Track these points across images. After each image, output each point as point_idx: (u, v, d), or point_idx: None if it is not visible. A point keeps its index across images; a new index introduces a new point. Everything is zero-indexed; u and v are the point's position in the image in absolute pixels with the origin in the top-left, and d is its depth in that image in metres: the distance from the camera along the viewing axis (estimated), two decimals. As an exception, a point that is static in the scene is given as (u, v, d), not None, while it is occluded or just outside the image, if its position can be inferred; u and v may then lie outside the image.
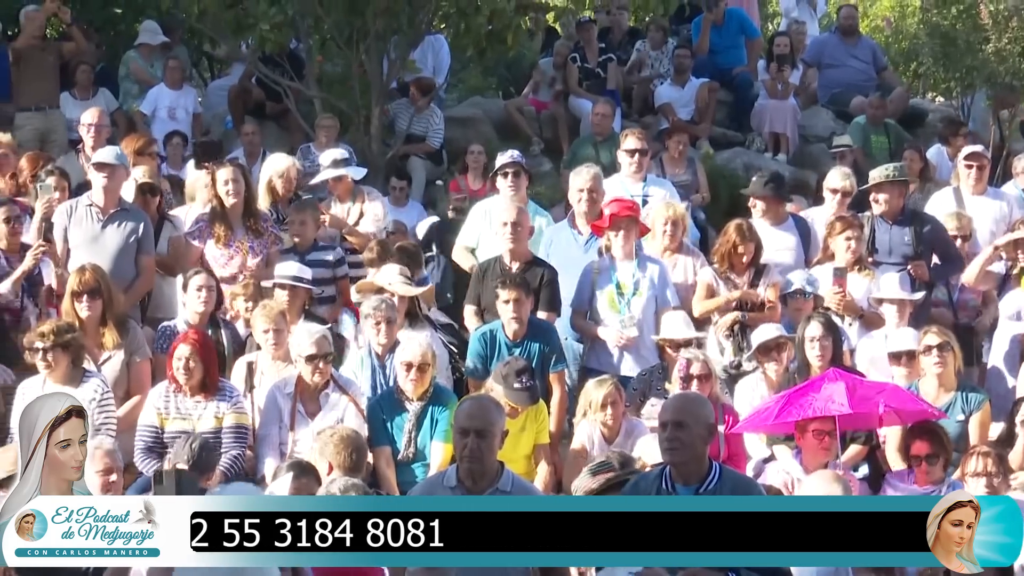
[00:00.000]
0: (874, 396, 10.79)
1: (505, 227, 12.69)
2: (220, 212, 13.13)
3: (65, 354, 10.74)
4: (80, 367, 10.87)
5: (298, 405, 11.09)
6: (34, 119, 18.34)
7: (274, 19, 17.90)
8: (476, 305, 12.65)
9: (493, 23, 17.94)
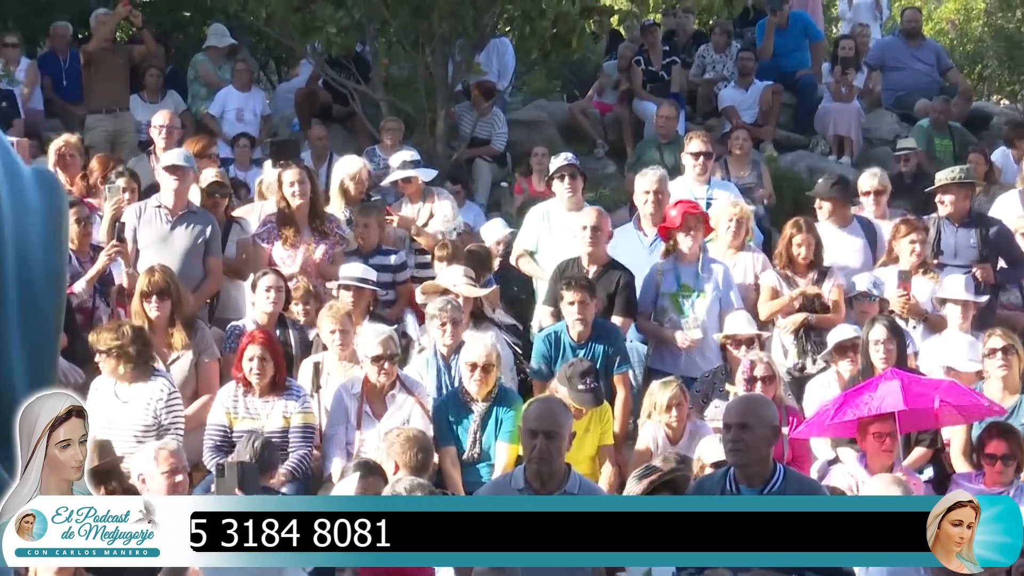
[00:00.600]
0: (930, 392, 10.72)
1: (585, 230, 12.69)
2: (287, 213, 13.19)
3: (130, 357, 10.79)
4: (149, 365, 10.91)
5: (365, 405, 11.12)
6: (105, 121, 18.43)
7: (341, 22, 17.95)
8: (553, 306, 12.61)
9: (558, 26, 17.96)
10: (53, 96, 19.42)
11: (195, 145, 14.77)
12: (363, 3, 18.06)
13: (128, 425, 10.58)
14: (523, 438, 9.15)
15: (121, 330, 10.83)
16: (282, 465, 10.53)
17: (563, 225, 13.37)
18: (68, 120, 18.69)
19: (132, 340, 10.73)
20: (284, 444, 10.77)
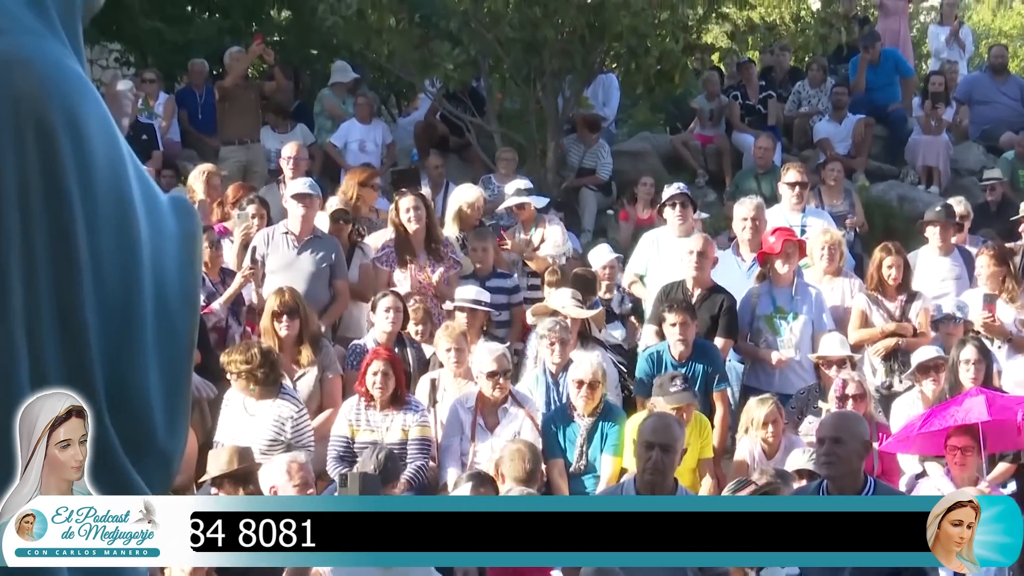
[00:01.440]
0: (1013, 407, 10.67)
1: (691, 255, 12.71)
2: (404, 238, 13.24)
3: (258, 379, 10.83)
4: (277, 384, 10.96)
5: (478, 419, 11.14)
6: (237, 152, 18.59)
7: (457, 59, 18.04)
8: (657, 326, 12.58)
9: (662, 63, 17.97)
10: (189, 128, 19.60)
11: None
12: (478, 41, 18.13)
13: (256, 438, 10.62)
14: (638, 450, 9.17)
15: (251, 352, 10.86)
16: (401, 477, 10.55)
17: (672, 251, 13.34)
18: (203, 151, 18.84)
19: (260, 363, 10.78)
20: (402, 455, 10.80)
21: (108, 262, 3.60)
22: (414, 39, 18.31)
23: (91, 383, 3.61)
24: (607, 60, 18.84)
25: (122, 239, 3.64)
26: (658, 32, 17.81)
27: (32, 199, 3.53)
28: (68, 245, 3.55)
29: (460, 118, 18.80)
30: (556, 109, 18.30)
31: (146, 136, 18.02)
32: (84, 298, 3.57)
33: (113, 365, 3.63)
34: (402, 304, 12.20)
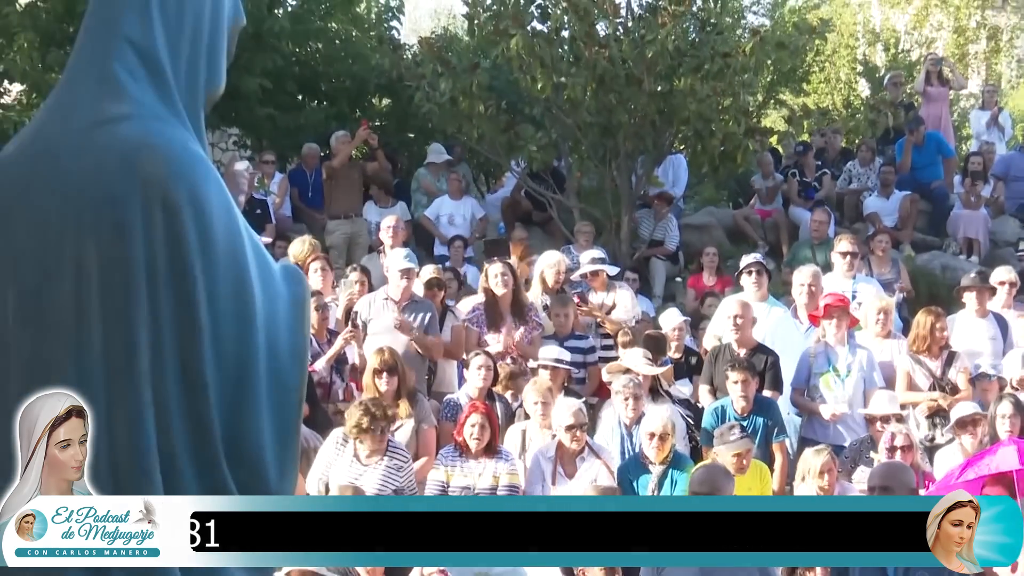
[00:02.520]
0: (1045, 456, 10.57)
1: (729, 319, 12.77)
2: (492, 302, 13.27)
3: (373, 437, 10.85)
4: (385, 439, 10.95)
5: (558, 467, 11.12)
6: (343, 225, 18.73)
7: (540, 142, 18.11)
8: (709, 384, 12.61)
9: (725, 145, 17.96)
10: (300, 204, 19.73)
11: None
12: (559, 125, 18.20)
13: (367, 485, 10.65)
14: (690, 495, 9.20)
15: (366, 409, 10.88)
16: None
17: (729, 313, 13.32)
18: (312, 224, 18.96)
19: (370, 421, 10.80)
20: (494, 489, 10.78)
21: (226, 325, 3.63)
22: (501, 124, 18.40)
23: (210, 434, 3.62)
24: (676, 142, 18.84)
25: (239, 304, 3.66)
26: (722, 117, 17.80)
27: (158, 270, 3.55)
28: (190, 310, 3.57)
29: (543, 195, 18.84)
30: (629, 186, 18.33)
31: (260, 211, 18.20)
32: (204, 358, 3.59)
33: (230, 418, 3.65)
34: (492, 362, 12.23)
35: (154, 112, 3.70)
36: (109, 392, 3.57)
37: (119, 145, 3.61)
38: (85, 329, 3.58)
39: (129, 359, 3.55)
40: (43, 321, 3.62)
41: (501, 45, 17.75)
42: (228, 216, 3.68)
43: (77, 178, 3.61)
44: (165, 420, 3.57)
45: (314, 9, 22.06)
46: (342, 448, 10.92)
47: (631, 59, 17.26)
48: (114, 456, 3.58)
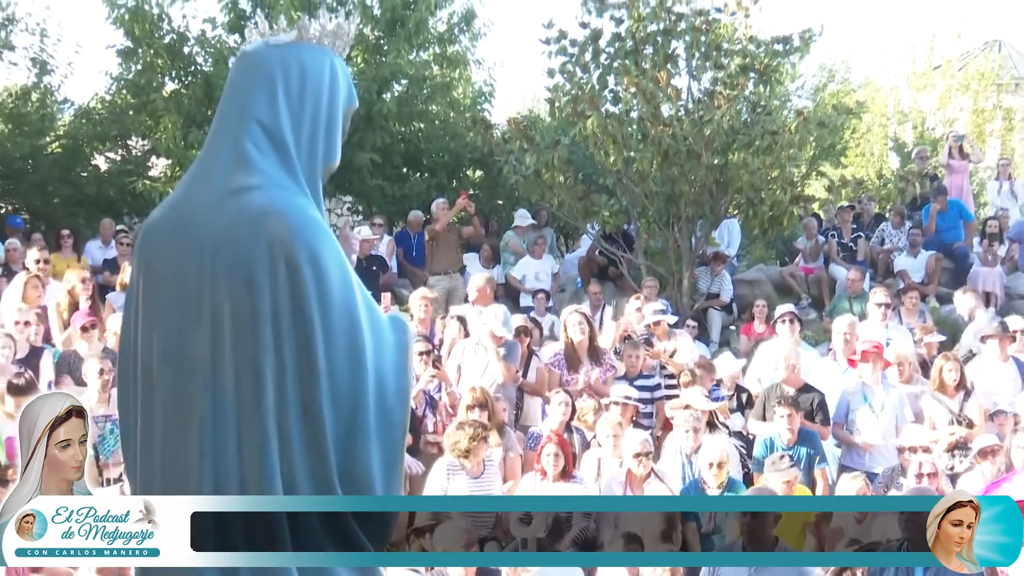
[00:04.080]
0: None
1: (782, 362, 12.73)
2: (571, 347, 13.25)
3: (473, 456, 10.90)
4: (482, 459, 10.97)
5: (628, 491, 11.05)
6: (443, 281, 18.77)
7: (612, 208, 18.18)
8: (761, 419, 12.51)
9: (773, 211, 17.91)
10: (404, 262, 19.81)
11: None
12: (629, 193, 18.21)
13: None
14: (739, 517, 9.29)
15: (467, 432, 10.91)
16: (567, 535, 10.47)
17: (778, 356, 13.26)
18: (415, 280, 19.02)
19: (471, 441, 10.83)
20: (568, 518, 10.71)
21: (340, 367, 3.63)
22: (578, 192, 18.45)
23: (326, 463, 3.62)
24: (730, 208, 18.78)
25: (351, 349, 3.67)
26: (770, 186, 17.76)
27: (282, 319, 3.57)
28: (310, 354, 3.58)
29: (614, 254, 18.83)
30: (690, 247, 18.28)
31: (373, 267, 18.28)
32: (322, 395, 3.59)
33: (344, 448, 3.65)
34: (571, 399, 12.20)
35: (279, 183, 3.72)
36: (240, 424, 3.58)
37: (249, 211, 3.63)
38: (219, 369, 3.59)
39: (257, 396, 3.55)
40: (183, 361, 3.64)
41: (579, 125, 17.80)
42: (342, 273, 3.69)
43: (213, 239, 3.63)
44: (287, 448, 3.57)
45: (417, 94, 22.21)
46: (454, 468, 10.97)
47: (691, 136, 17.24)
48: (244, 479, 3.58)
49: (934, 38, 37.64)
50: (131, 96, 21.91)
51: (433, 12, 22.00)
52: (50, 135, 23.00)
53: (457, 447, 10.90)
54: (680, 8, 17.93)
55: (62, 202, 21.77)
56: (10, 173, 22.45)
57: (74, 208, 21.57)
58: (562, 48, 18.11)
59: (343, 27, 3.99)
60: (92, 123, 22.48)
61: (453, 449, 10.91)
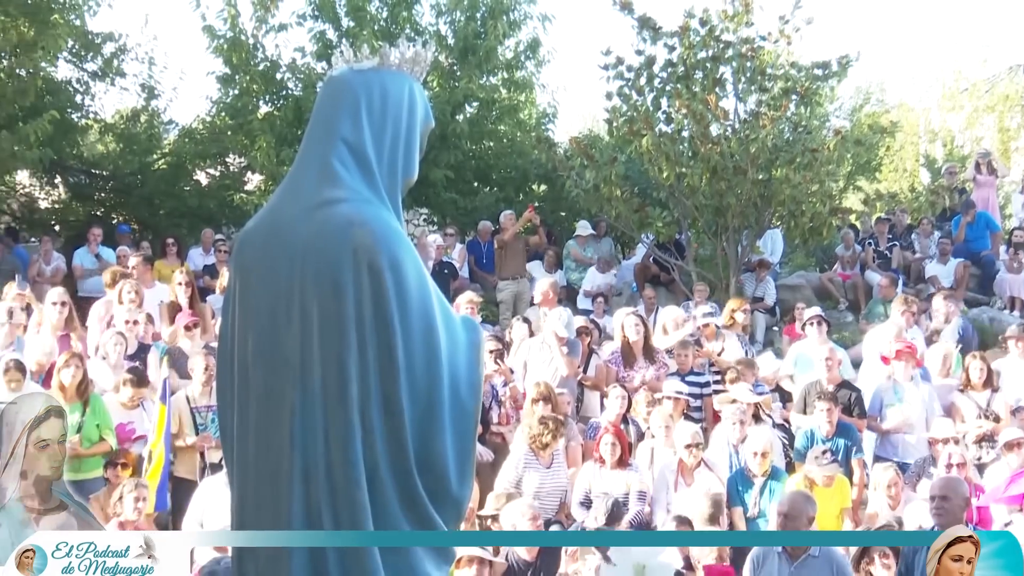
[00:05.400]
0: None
1: (824, 361, 12.62)
2: (627, 346, 13.22)
3: (544, 445, 10.90)
4: (551, 450, 10.98)
5: (679, 478, 11.00)
6: (510, 286, 18.78)
7: (665, 219, 18.15)
8: (802, 412, 12.42)
9: (813, 222, 17.82)
10: (475, 268, 19.84)
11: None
12: (680, 206, 18.16)
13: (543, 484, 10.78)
14: (776, 517, 9.16)
15: (547, 424, 10.92)
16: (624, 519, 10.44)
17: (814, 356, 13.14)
18: (484, 285, 19.03)
19: (547, 433, 10.85)
20: (625, 502, 10.68)
21: (418, 364, 3.63)
22: (634, 205, 18.42)
23: (405, 451, 3.62)
24: (774, 219, 18.69)
25: (428, 347, 3.67)
26: (810, 200, 17.66)
27: (365, 320, 3.57)
28: (390, 352, 3.58)
29: (667, 261, 18.78)
30: (736, 255, 18.19)
31: (446, 272, 18.33)
32: (401, 390, 3.59)
33: (421, 437, 3.65)
34: (627, 393, 12.17)
35: (363, 196, 3.73)
36: (326, 416, 3.58)
37: (335, 222, 3.64)
38: (308, 366, 3.60)
39: (342, 390, 3.56)
40: (275, 359, 3.66)
41: (634, 143, 17.79)
42: (420, 277, 3.69)
43: (302, 247, 3.65)
44: (370, 439, 3.57)
45: (487, 115, 22.30)
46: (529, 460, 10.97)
47: (738, 154, 17.19)
48: (330, 466, 3.59)
49: (962, 63, 37.43)
50: (229, 118, 22.09)
51: (502, 41, 22.06)
52: (157, 153, 23.25)
53: (539, 440, 10.93)
54: (728, 36, 17.89)
55: (167, 213, 21.99)
56: (121, 188, 22.74)
57: (178, 219, 21.78)
58: (619, 73, 18.11)
59: (421, 54, 3.99)
60: (194, 142, 22.69)
61: (535, 442, 10.94)
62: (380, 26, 21.50)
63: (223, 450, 4.05)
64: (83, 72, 21.92)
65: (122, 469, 10.40)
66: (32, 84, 18.46)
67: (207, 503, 10.12)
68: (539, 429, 10.92)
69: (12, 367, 10.84)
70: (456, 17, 22.09)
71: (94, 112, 22.93)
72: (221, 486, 10.12)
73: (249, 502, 3.71)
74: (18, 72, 18.76)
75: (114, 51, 21.78)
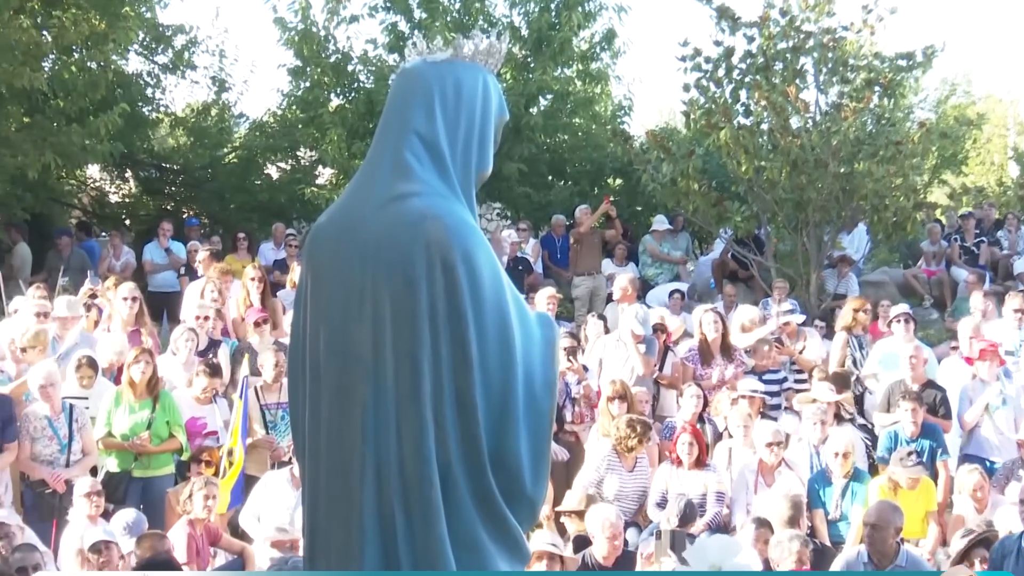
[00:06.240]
0: None
1: (910, 360, 12.45)
2: (705, 344, 13.18)
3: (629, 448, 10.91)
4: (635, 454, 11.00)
5: (759, 478, 10.96)
6: (586, 281, 18.76)
7: (744, 214, 18.05)
8: (885, 411, 12.31)
9: (897, 216, 17.68)
10: (549, 264, 19.84)
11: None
12: (760, 201, 18.06)
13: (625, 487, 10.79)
14: (863, 527, 9.11)
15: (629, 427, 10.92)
16: (700, 519, 10.41)
17: (899, 354, 13.01)
18: (559, 280, 19.02)
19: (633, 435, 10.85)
20: (703, 503, 10.65)
21: (492, 360, 3.64)
22: (712, 199, 18.35)
23: (478, 448, 3.63)
24: (856, 214, 18.56)
25: (502, 344, 3.68)
26: (894, 194, 17.50)
27: (438, 315, 3.59)
28: (463, 348, 3.59)
29: (746, 257, 18.68)
30: (818, 250, 18.06)
31: (520, 267, 18.34)
32: (475, 387, 3.60)
33: (495, 435, 3.66)
34: (703, 392, 12.14)
35: (436, 190, 3.74)
36: (399, 412, 3.60)
37: (408, 216, 3.65)
38: (380, 362, 3.62)
39: (415, 386, 3.58)
40: (347, 354, 3.68)
41: (712, 136, 17.75)
42: (494, 273, 3.69)
43: (375, 242, 3.66)
44: (443, 435, 3.59)
45: (562, 108, 22.29)
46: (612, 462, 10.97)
47: (819, 147, 17.09)
48: (402, 464, 3.61)
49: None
50: (300, 111, 22.28)
51: (576, 32, 22.05)
52: (227, 147, 23.53)
53: (625, 443, 10.93)
54: (808, 26, 17.80)
55: (237, 208, 22.21)
56: (192, 182, 23.01)
57: (248, 213, 22.00)
58: (697, 64, 18.07)
59: (495, 46, 4.00)
60: (265, 136, 22.92)
61: (620, 444, 10.94)
62: (453, 17, 21.58)
63: (295, 445, 4.09)
64: (154, 65, 22.20)
65: (205, 467, 10.53)
66: (103, 77, 18.67)
67: (265, 498, 10.27)
68: (626, 432, 10.93)
69: (84, 364, 11.01)
70: (530, 8, 22.11)
71: (165, 105, 23.23)
72: (281, 482, 10.28)
73: (321, 497, 3.74)
74: (89, 65, 18.99)
75: (185, 44, 22.03)
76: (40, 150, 17.22)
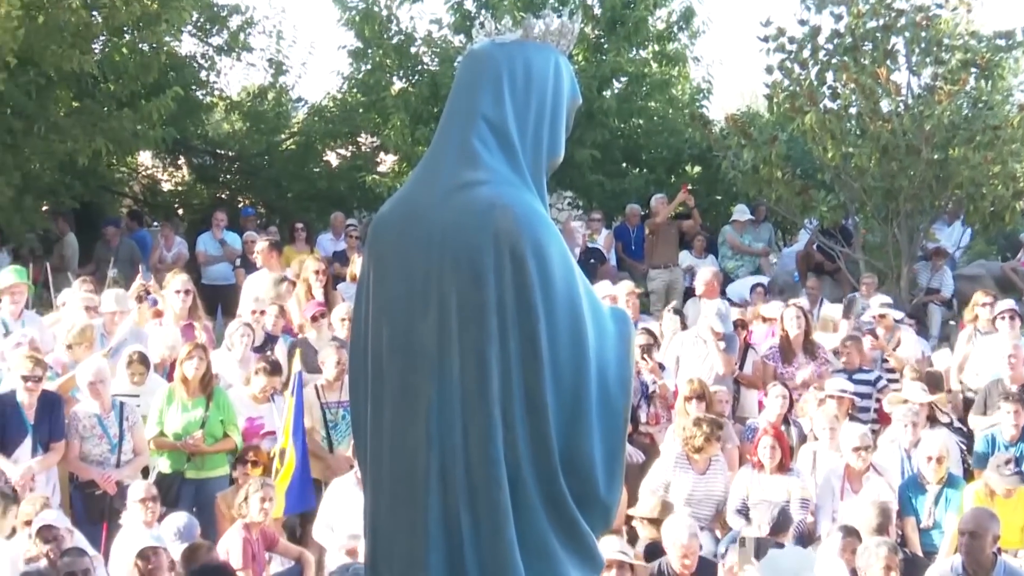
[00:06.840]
0: None
1: (1009, 358, 12.32)
2: (786, 340, 13.12)
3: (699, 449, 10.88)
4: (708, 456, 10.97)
5: (846, 484, 10.88)
6: (662, 274, 18.67)
7: (830, 203, 17.93)
8: (983, 413, 12.18)
9: (994, 206, 17.49)
10: (623, 256, 19.78)
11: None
12: (847, 189, 17.93)
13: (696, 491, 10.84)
14: (957, 535, 8.97)
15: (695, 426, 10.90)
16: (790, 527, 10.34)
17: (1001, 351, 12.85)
18: (634, 273, 18.94)
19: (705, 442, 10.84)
20: (788, 510, 10.60)
21: (563, 357, 3.64)
22: (796, 188, 18.25)
23: (549, 450, 3.63)
24: (951, 204, 18.38)
25: (574, 340, 3.67)
26: (991, 182, 17.29)
27: (507, 309, 3.59)
28: (533, 344, 3.59)
29: (832, 248, 18.54)
30: (909, 242, 17.91)
31: (593, 260, 18.31)
32: (545, 384, 3.60)
33: (566, 436, 3.66)
34: (788, 392, 12.06)
35: (505, 178, 3.74)
36: (465, 412, 3.61)
37: (475, 205, 3.66)
38: (446, 359, 3.63)
39: (482, 385, 3.58)
40: (411, 351, 3.69)
41: (797, 120, 17.65)
42: (565, 265, 3.69)
43: (440, 232, 3.67)
44: (512, 436, 3.59)
45: (637, 91, 22.21)
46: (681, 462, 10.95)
47: (911, 132, 16.94)
48: (469, 466, 3.61)
49: None
50: (361, 95, 22.35)
51: (652, 11, 22.00)
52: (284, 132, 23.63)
53: (691, 443, 10.89)
54: (900, 4, 17.66)
55: (295, 196, 22.31)
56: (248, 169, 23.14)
57: (307, 202, 22.09)
58: (780, 45, 17.96)
59: (567, 26, 4.00)
60: (324, 121, 23.00)
61: (687, 444, 10.91)
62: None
63: (356, 447, 4.11)
64: (208, 47, 22.30)
65: (252, 467, 10.47)
66: (155, 60, 18.79)
67: (335, 506, 10.19)
68: (692, 431, 10.87)
69: (136, 360, 11.06)
70: (604, -14, 22.06)
71: (219, 89, 23.32)
72: (349, 487, 10.20)
73: (383, 503, 3.75)
74: (140, 47, 19.09)
75: (240, 24, 22.11)
76: (90, 136, 17.35)
